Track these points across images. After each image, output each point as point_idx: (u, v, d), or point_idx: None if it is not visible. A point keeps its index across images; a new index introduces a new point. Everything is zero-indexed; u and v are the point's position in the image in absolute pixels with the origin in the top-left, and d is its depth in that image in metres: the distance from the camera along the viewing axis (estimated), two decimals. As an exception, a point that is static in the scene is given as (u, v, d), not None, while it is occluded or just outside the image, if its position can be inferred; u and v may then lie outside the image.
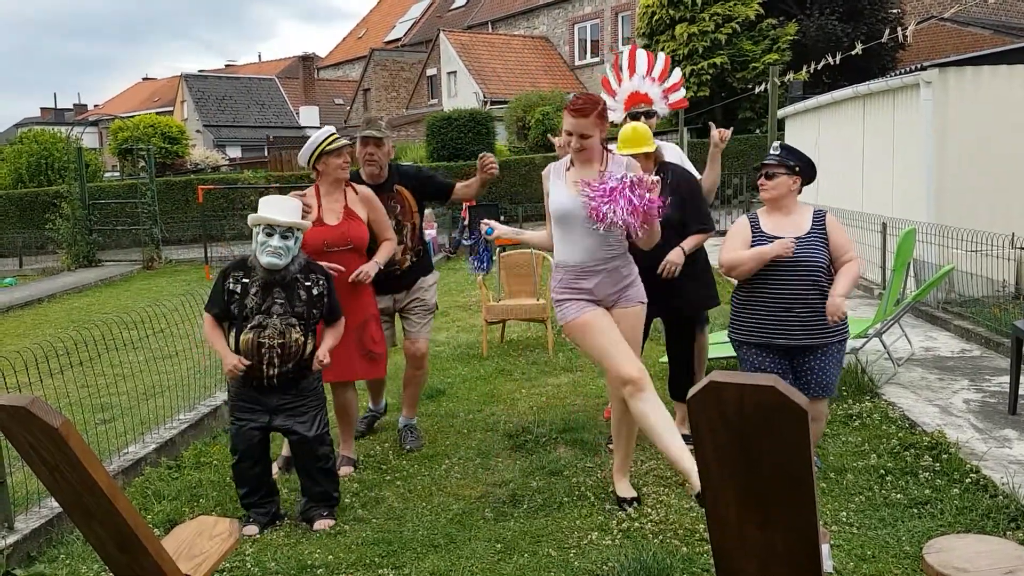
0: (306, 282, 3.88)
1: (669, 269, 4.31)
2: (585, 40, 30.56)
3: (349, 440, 4.68)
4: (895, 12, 21.30)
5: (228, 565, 3.52)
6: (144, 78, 57.54)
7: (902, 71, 9.69)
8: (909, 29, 8.56)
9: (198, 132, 38.49)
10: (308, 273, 3.90)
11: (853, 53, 9.29)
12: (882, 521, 3.64)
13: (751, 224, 3.95)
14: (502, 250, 8.01)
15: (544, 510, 3.95)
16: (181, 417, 5.39)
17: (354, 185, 4.50)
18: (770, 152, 3.96)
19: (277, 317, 3.79)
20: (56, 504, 3.88)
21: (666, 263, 4.30)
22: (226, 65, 56.26)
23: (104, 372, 6.48)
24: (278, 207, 3.84)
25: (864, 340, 5.95)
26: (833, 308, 3.70)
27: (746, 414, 1.64)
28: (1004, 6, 22.82)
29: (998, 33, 19.86)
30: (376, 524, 3.91)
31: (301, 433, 3.89)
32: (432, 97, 32.37)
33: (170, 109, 42.98)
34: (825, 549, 3.19)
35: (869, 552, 3.38)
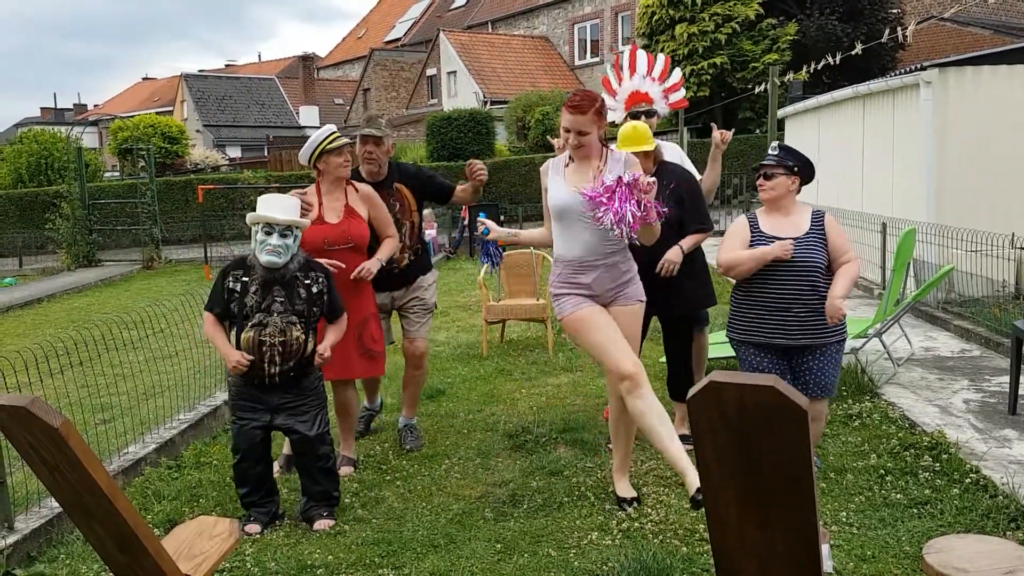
0: (305, 280, 3.88)
1: (667, 268, 4.31)
2: (585, 40, 30.56)
3: (349, 440, 4.68)
4: (895, 12, 21.30)
5: (228, 565, 3.52)
6: (144, 78, 57.56)
7: (902, 71, 9.69)
8: (909, 29, 8.57)
9: (198, 132, 38.50)
10: (308, 271, 3.90)
11: (853, 53, 9.30)
12: (882, 521, 3.64)
13: (750, 224, 3.95)
14: (504, 250, 8.00)
15: (544, 510, 3.95)
16: (181, 417, 5.39)
17: (355, 184, 4.50)
18: (768, 152, 3.96)
19: (277, 315, 3.79)
20: (56, 504, 3.88)
21: (664, 262, 4.31)
22: (226, 65, 56.30)
23: (104, 372, 6.49)
24: (277, 205, 3.84)
25: (864, 340, 5.95)
26: (832, 310, 3.70)
27: (746, 414, 1.64)
28: (1004, 6, 22.83)
29: (998, 33, 19.86)
30: (376, 524, 3.91)
31: (302, 432, 3.89)
32: (432, 97, 32.37)
33: (170, 109, 43.00)
34: (825, 549, 3.19)
35: (869, 552, 3.38)
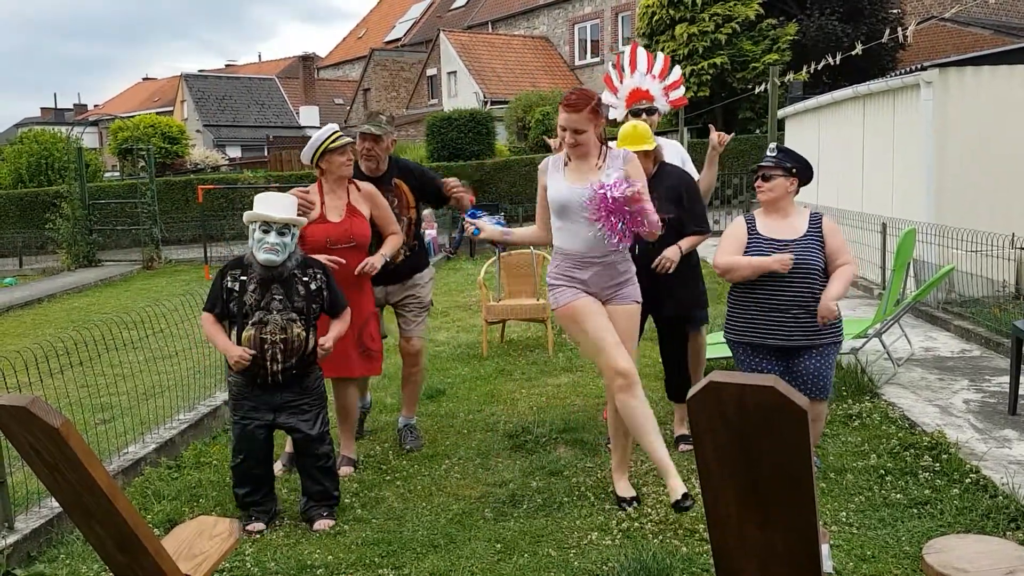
0: (304, 277, 3.88)
1: (664, 264, 4.30)
2: (585, 40, 30.55)
3: (350, 440, 4.68)
4: (895, 12, 21.29)
5: (228, 565, 3.52)
6: (144, 78, 57.57)
7: (902, 71, 9.69)
8: (909, 29, 8.58)
9: (198, 132, 38.52)
10: (305, 268, 3.90)
11: (853, 53, 9.30)
12: (882, 521, 3.64)
13: (747, 226, 3.95)
14: (503, 250, 8.00)
15: (544, 510, 3.95)
16: (181, 417, 5.39)
17: (357, 182, 4.50)
18: (767, 154, 3.96)
19: (277, 313, 3.79)
20: (56, 504, 3.88)
21: (662, 258, 4.30)
22: (226, 65, 56.30)
23: (104, 372, 6.49)
24: (274, 204, 3.83)
25: (864, 340, 5.95)
26: (824, 310, 3.70)
27: (746, 414, 1.64)
28: (1004, 6, 22.82)
29: (998, 33, 19.86)
30: (376, 524, 3.91)
31: (305, 431, 3.89)
32: (432, 97, 32.37)
33: (170, 109, 43.01)
34: (825, 549, 3.19)
35: (869, 552, 3.38)
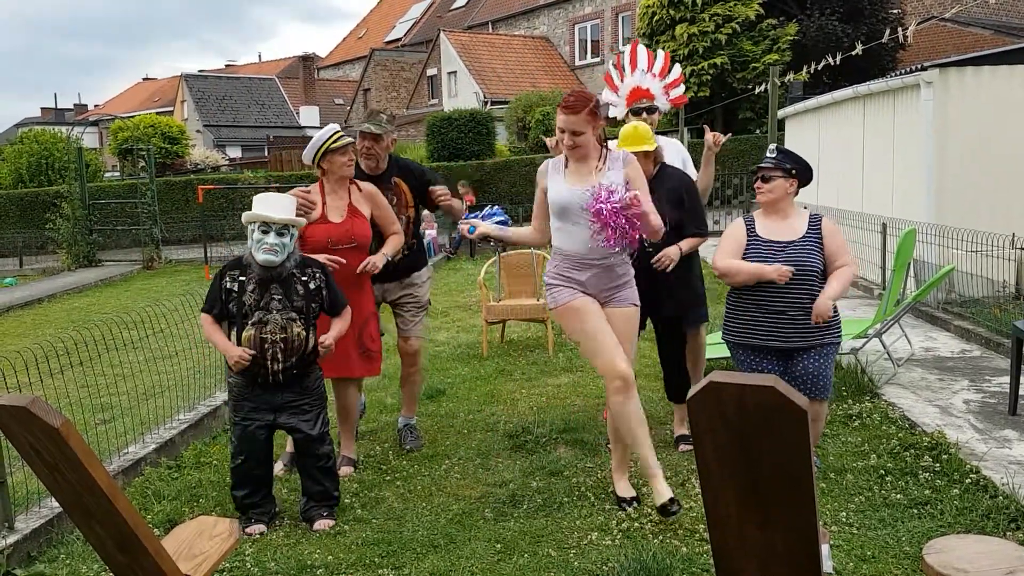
0: (302, 277, 3.88)
1: (663, 262, 4.29)
2: (585, 40, 30.55)
3: (350, 440, 4.67)
4: (895, 12, 21.29)
5: (228, 565, 3.52)
6: (144, 78, 57.54)
7: (902, 71, 9.68)
8: (909, 29, 8.57)
9: (198, 132, 38.52)
10: (304, 268, 3.90)
11: (853, 53, 9.30)
12: (882, 521, 3.64)
13: (747, 227, 3.95)
14: (503, 250, 8.00)
15: (544, 510, 3.95)
16: (181, 417, 5.39)
17: (358, 183, 4.50)
18: (766, 155, 3.96)
19: (277, 312, 3.79)
20: (56, 504, 3.88)
21: (662, 255, 4.29)
22: (226, 65, 56.30)
23: (104, 372, 6.49)
24: (273, 204, 3.83)
25: (864, 340, 5.95)
26: (820, 309, 3.69)
27: (746, 414, 1.64)
28: (1005, 6, 22.82)
29: (999, 33, 19.86)
30: (376, 524, 3.91)
31: (306, 431, 3.89)
32: (432, 97, 32.37)
33: (170, 109, 43.02)
34: (825, 549, 3.19)
35: (869, 552, 3.38)
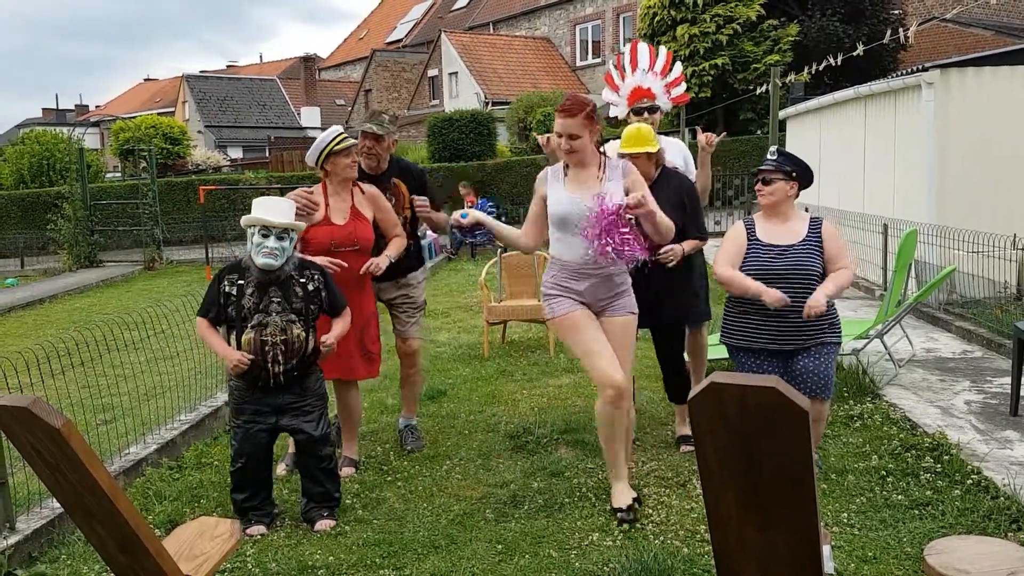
0: (301, 279, 3.87)
1: (668, 256, 4.27)
2: (586, 41, 30.56)
3: (352, 441, 4.67)
4: (896, 13, 21.29)
5: (229, 566, 3.52)
6: (146, 79, 57.59)
7: (903, 72, 9.68)
8: (911, 30, 8.56)
9: (199, 133, 38.53)
10: (303, 270, 3.90)
11: (854, 54, 9.30)
12: (883, 522, 3.64)
13: (747, 230, 3.95)
14: (503, 251, 8.00)
15: (545, 511, 3.95)
16: (182, 418, 5.39)
17: (361, 185, 4.50)
18: (767, 158, 3.96)
19: (276, 315, 3.79)
20: (57, 505, 3.88)
21: (669, 250, 4.26)
22: (227, 66, 56.35)
23: (105, 373, 6.49)
24: (273, 208, 3.82)
25: (865, 341, 5.95)
26: (813, 303, 3.67)
27: (747, 415, 1.64)
28: (1006, 7, 22.80)
29: (1000, 34, 19.84)
30: (377, 525, 3.91)
31: (309, 432, 3.89)
32: (433, 98, 32.38)
33: (171, 110, 43.04)
34: (826, 550, 3.18)
35: (870, 553, 3.38)
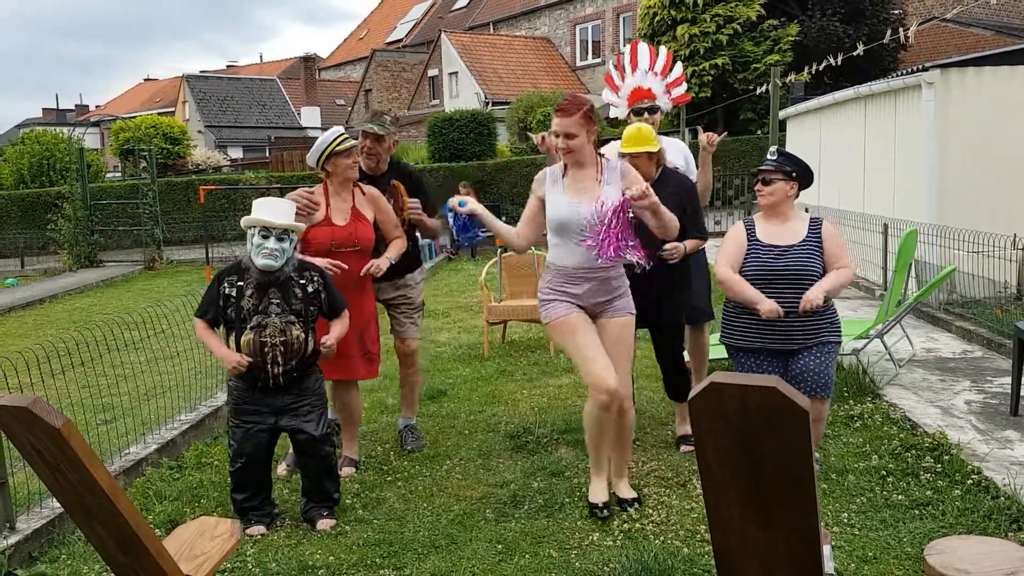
0: (300, 280, 3.87)
1: (672, 253, 4.27)
2: (586, 41, 30.56)
3: (352, 441, 4.67)
4: (897, 13, 21.28)
5: (229, 566, 3.52)
6: (146, 79, 57.59)
7: (904, 72, 9.68)
8: (911, 30, 8.56)
9: (199, 133, 38.53)
10: (302, 271, 3.90)
11: (855, 54, 9.29)
12: (884, 522, 3.64)
13: (747, 231, 3.95)
14: (503, 251, 8.00)
15: (545, 511, 3.95)
16: (182, 418, 5.39)
17: (362, 186, 4.51)
18: (767, 157, 3.96)
19: (275, 316, 3.78)
20: (57, 504, 3.88)
21: (673, 246, 4.25)
22: (227, 66, 56.33)
23: (105, 373, 6.49)
24: (273, 209, 3.82)
25: (865, 341, 5.95)
26: (809, 296, 3.67)
27: (748, 415, 1.64)
28: (1006, 7, 22.79)
29: (1000, 34, 19.84)
30: (377, 525, 3.91)
31: (309, 432, 3.89)
32: (434, 98, 32.38)
33: (172, 110, 43.04)
34: (826, 550, 3.18)
35: (871, 553, 3.38)
